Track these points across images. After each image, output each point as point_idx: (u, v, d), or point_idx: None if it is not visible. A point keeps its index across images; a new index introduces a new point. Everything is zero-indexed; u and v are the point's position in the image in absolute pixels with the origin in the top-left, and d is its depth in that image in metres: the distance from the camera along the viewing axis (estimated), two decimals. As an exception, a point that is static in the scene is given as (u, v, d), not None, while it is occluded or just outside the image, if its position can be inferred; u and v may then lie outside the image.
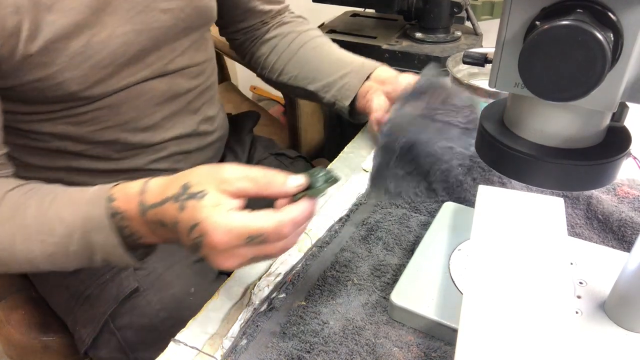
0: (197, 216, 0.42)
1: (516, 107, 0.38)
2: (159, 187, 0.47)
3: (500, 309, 0.41)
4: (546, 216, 0.51)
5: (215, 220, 0.42)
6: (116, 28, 0.58)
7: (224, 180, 0.43)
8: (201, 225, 0.42)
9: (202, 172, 0.45)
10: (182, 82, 0.70)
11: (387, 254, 0.58)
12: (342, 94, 0.71)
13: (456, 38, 1.07)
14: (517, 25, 0.33)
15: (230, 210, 0.42)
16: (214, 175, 0.44)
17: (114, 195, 0.49)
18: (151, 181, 0.48)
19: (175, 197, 0.44)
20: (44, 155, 0.66)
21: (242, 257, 0.43)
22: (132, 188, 0.48)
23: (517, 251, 0.47)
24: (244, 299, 0.54)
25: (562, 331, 0.39)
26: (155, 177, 0.49)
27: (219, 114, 0.81)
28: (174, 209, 0.44)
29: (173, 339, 0.51)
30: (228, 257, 0.43)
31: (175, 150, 0.73)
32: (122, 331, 0.67)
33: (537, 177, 0.37)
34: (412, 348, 0.47)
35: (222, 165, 0.45)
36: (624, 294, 0.44)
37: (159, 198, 0.46)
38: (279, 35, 0.81)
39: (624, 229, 0.58)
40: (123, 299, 0.67)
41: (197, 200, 0.43)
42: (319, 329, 0.49)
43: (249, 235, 0.42)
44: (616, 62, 0.31)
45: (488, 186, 0.56)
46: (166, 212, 0.45)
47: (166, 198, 0.45)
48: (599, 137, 0.37)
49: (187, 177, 0.45)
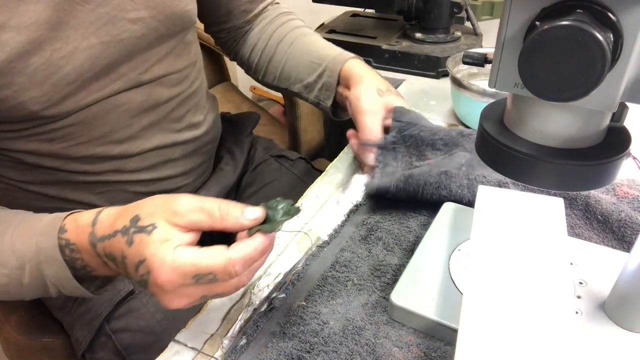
0: (144, 252, 0.41)
1: (516, 107, 0.38)
2: (110, 219, 0.45)
3: (500, 309, 0.41)
4: (546, 216, 0.51)
5: (161, 257, 0.40)
6: (80, 42, 0.55)
7: (176, 213, 0.42)
8: (147, 262, 0.41)
9: (156, 203, 0.43)
10: (161, 90, 0.67)
11: (387, 254, 0.58)
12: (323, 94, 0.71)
13: (456, 38, 1.08)
14: (517, 25, 0.33)
15: (179, 247, 0.41)
16: (166, 207, 0.42)
17: (66, 227, 0.48)
18: (103, 212, 0.47)
19: (123, 230, 0.43)
20: (24, 170, 0.63)
21: (190, 296, 0.42)
22: (84, 219, 0.47)
23: (517, 251, 0.47)
24: (244, 299, 0.54)
25: (562, 331, 0.39)
26: (107, 208, 0.48)
27: (207, 118, 0.78)
28: (122, 243, 0.43)
29: (173, 339, 0.51)
30: (174, 297, 0.42)
31: (158, 161, 0.70)
32: (117, 334, 0.67)
33: (536, 178, 0.37)
34: (412, 348, 0.47)
35: (176, 196, 0.43)
36: (624, 294, 0.44)
37: (109, 230, 0.44)
38: (257, 33, 0.80)
39: (623, 229, 0.58)
40: (118, 301, 0.66)
41: (145, 235, 0.41)
42: (319, 329, 0.49)
43: (196, 274, 0.40)
44: (616, 62, 0.31)
45: (488, 186, 0.56)
46: (115, 245, 0.43)
47: (115, 231, 0.44)
48: (598, 137, 0.37)
49: (139, 208, 0.44)
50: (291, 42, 0.77)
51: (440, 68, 1.02)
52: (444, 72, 1.02)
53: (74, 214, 0.49)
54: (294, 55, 0.75)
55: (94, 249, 0.46)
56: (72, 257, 0.48)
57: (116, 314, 0.67)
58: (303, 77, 0.74)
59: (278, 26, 0.79)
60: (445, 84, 0.93)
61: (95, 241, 0.45)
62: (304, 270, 0.57)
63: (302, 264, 0.58)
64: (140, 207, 0.44)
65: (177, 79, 0.69)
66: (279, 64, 0.77)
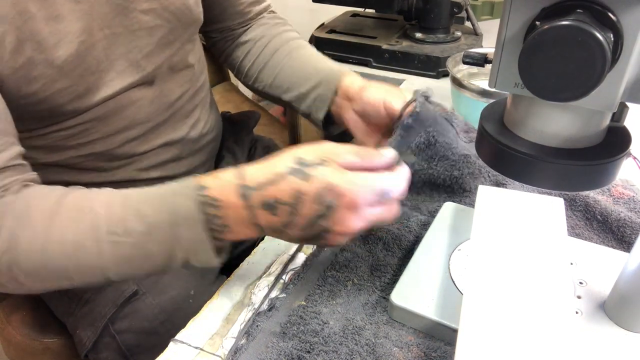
0: (328, 180, 0.43)
1: (516, 107, 0.38)
2: (261, 169, 0.45)
3: (500, 309, 0.41)
4: (546, 216, 0.51)
5: (349, 179, 0.43)
6: (97, 33, 0.57)
7: (336, 154, 0.44)
8: (335, 187, 0.42)
9: (308, 149, 0.45)
10: (173, 87, 0.68)
11: (387, 254, 0.58)
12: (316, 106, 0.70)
13: (456, 38, 1.08)
14: (517, 25, 0.33)
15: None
16: (323, 150, 0.45)
17: (206, 184, 0.46)
18: (246, 167, 0.46)
19: (292, 171, 0.44)
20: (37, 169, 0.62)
21: (368, 219, 0.44)
22: (225, 176, 0.46)
23: (517, 251, 0.47)
24: (244, 299, 0.54)
25: (562, 331, 0.39)
26: (245, 165, 0.46)
27: (211, 115, 0.79)
28: (294, 182, 0.43)
29: (173, 339, 0.51)
30: (357, 218, 0.44)
31: (167, 158, 0.71)
32: (121, 335, 0.67)
33: (537, 177, 0.37)
34: (412, 348, 0.47)
35: (322, 142, 0.46)
36: (624, 294, 0.44)
37: (268, 176, 0.44)
38: (252, 39, 0.79)
39: (623, 229, 0.58)
40: (122, 302, 0.66)
41: (322, 167, 0.43)
42: (319, 328, 0.49)
43: (382, 189, 0.44)
44: (616, 62, 0.31)
45: (488, 186, 0.56)
46: (283, 188, 0.44)
47: (279, 174, 0.44)
48: (599, 137, 0.37)
49: (294, 154, 0.45)
50: (288, 53, 0.76)
51: (441, 68, 1.02)
52: (444, 72, 1.02)
53: (208, 175, 0.47)
54: (290, 65, 0.75)
55: (246, 200, 0.44)
56: (213, 215, 0.45)
57: (120, 314, 0.67)
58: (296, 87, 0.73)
59: (275, 35, 0.79)
60: (446, 84, 0.93)
61: (250, 192, 0.44)
62: (304, 270, 0.57)
63: (302, 264, 0.58)
64: (295, 153, 0.45)
65: (188, 74, 0.71)
66: (272, 72, 0.76)
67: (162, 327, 0.66)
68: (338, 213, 0.43)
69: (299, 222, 0.44)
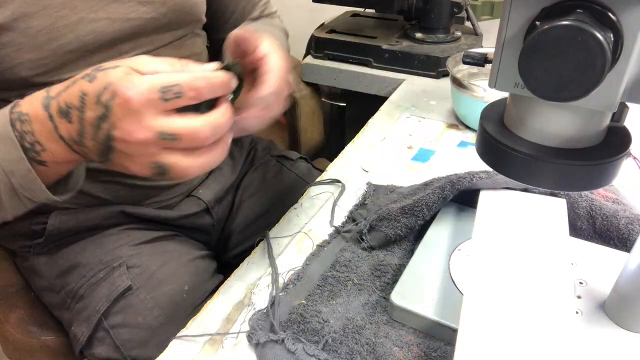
0: (108, 79, 0.39)
1: (516, 108, 0.38)
2: (68, 81, 0.43)
3: (500, 309, 0.41)
4: (548, 216, 0.51)
5: (129, 78, 0.39)
6: (87, 14, 0.57)
7: (140, 63, 0.41)
8: (112, 85, 0.39)
9: (117, 61, 0.42)
10: None
11: (387, 254, 0.58)
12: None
13: (456, 38, 1.08)
14: (517, 25, 0.33)
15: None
16: (129, 60, 0.42)
17: (20, 102, 0.45)
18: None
19: (85, 75, 0.41)
20: None
21: (154, 131, 0.40)
22: (39, 91, 0.45)
23: (518, 251, 0.47)
24: (244, 299, 0.54)
25: (562, 331, 0.39)
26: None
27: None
28: (82, 84, 0.41)
29: (174, 338, 0.51)
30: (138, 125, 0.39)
31: None
32: (115, 330, 0.67)
33: (537, 178, 0.37)
34: (412, 348, 0.47)
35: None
36: (624, 294, 0.44)
37: (67, 84, 0.43)
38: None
39: (623, 229, 0.58)
40: (116, 297, 0.66)
41: (110, 69, 0.40)
42: (319, 327, 0.49)
43: (163, 85, 0.39)
44: (616, 62, 0.31)
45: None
46: (73, 91, 0.42)
47: (74, 81, 0.42)
48: (599, 137, 0.37)
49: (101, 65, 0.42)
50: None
51: (441, 68, 1.02)
52: (444, 72, 1.02)
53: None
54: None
55: (47, 110, 0.43)
56: (23, 131, 0.44)
57: (114, 309, 0.67)
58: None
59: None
60: (446, 84, 0.93)
61: (50, 101, 0.43)
62: (304, 270, 0.57)
63: (302, 263, 0.58)
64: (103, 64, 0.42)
65: None
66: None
67: (156, 321, 0.66)
68: (116, 114, 0.40)
69: (88, 130, 0.41)
